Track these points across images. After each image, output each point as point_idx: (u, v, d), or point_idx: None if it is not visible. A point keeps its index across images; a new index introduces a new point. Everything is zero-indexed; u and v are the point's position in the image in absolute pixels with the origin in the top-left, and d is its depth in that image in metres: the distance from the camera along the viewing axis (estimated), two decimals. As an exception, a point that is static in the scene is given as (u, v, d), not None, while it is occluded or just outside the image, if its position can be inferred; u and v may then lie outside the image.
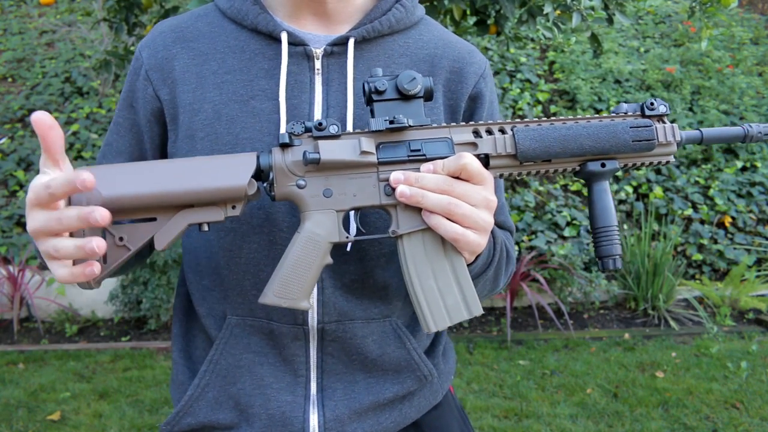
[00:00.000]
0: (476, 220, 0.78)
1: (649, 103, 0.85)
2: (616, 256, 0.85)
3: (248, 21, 0.92)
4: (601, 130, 0.83)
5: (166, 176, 0.77)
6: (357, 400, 0.94)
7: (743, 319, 4.43)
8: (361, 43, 0.93)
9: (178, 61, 0.92)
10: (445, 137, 0.82)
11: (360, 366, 0.95)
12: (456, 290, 0.82)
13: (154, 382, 3.53)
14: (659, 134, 0.85)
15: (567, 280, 4.37)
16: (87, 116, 5.44)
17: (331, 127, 0.79)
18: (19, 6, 7.08)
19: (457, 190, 0.78)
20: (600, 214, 0.85)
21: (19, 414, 3.16)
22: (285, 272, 0.79)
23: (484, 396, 3.34)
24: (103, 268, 0.76)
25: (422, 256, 0.82)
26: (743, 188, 5.12)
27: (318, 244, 0.80)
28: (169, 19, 0.98)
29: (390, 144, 0.81)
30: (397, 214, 0.81)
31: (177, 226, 0.78)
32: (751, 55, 6.51)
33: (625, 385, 3.44)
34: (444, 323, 0.81)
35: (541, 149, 0.82)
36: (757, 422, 3.02)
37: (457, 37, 1.02)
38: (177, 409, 0.96)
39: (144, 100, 0.94)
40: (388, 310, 0.95)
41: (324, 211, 0.80)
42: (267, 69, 0.91)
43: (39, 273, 4.33)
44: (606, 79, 5.93)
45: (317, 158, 0.78)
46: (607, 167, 0.84)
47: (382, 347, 0.95)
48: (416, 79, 0.80)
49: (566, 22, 2.74)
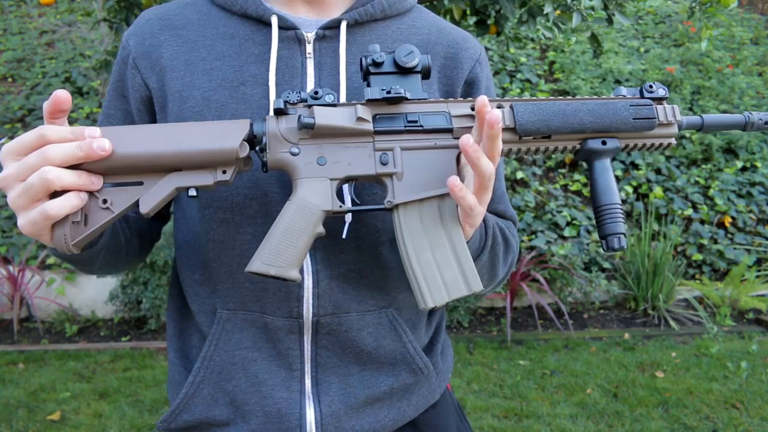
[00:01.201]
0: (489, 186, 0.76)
1: (648, 86, 0.85)
2: (620, 234, 0.81)
3: (237, 6, 0.91)
4: (601, 107, 0.82)
5: (156, 138, 0.75)
6: (352, 395, 0.93)
7: (743, 319, 4.43)
8: (354, 27, 0.92)
9: (166, 49, 0.92)
10: (443, 111, 0.81)
11: (354, 359, 0.94)
12: (455, 264, 0.79)
13: (154, 382, 3.53)
14: (659, 114, 0.84)
15: (567, 280, 4.37)
16: (87, 116, 5.44)
17: (326, 96, 0.78)
18: (19, 6, 7.08)
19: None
20: (602, 192, 0.83)
21: (19, 414, 3.16)
22: (275, 239, 0.77)
23: (484, 396, 3.34)
24: (83, 230, 0.74)
25: (419, 228, 0.79)
26: (743, 188, 5.12)
27: (310, 211, 0.77)
28: (155, 7, 0.97)
29: (386, 115, 0.80)
30: (393, 185, 0.79)
31: (164, 190, 0.76)
32: (751, 55, 6.51)
33: (625, 385, 3.44)
34: (442, 299, 0.78)
35: (540, 122, 0.80)
36: (757, 422, 3.02)
37: (451, 24, 1.01)
38: (173, 406, 0.95)
39: (133, 88, 0.93)
40: (385, 300, 0.94)
41: (317, 179, 0.78)
42: (257, 54, 0.90)
43: (39, 273, 4.33)
44: (606, 79, 5.93)
45: (312, 122, 0.76)
46: (608, 145, 0.83)
47: (377, 340, 0.94)
48: (413, 53, 0.79)
49: (566, 22, 2.74)
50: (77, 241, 0.74)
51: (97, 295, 4.40)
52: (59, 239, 0.73)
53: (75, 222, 0.73)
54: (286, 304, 0.90)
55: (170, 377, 1.02)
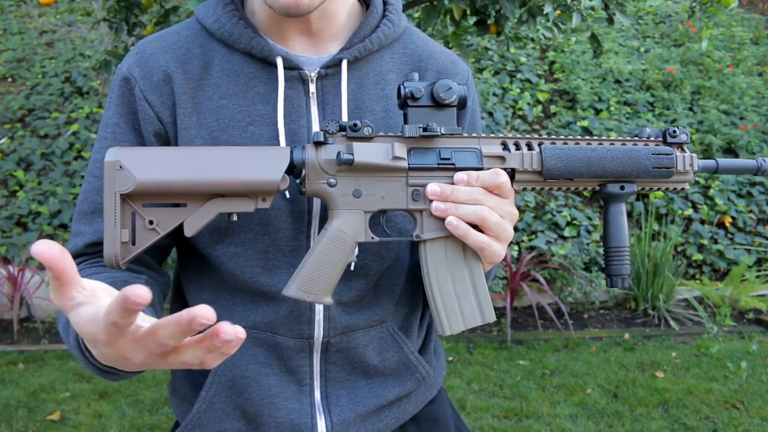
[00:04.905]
0: (503, 231, 0.82)
1: (672, 130, 0.88)
2: (624, 276, 0.88)
3: (241, 45, 0.89)
4: (624, 155, 0.86)
5: (200, 164, 0.78)
6: (361, 404, 0.96)
7: (743, 319, 4.43)
8: (352, 63, 0.92)
9: (175, 84, 0.90)
10: (474, 148, 0.84)
11: (362, 373, 0.97)
12: (472, 297, 0.85)
13: (154, 382, 3.52)
14: (678, 163, 0.88)
15: (567, 280, 4.37)
16: (87, 116, 5.44)
17: (365, 129, 0.81)
18: (19, 6, 7.08)
19: (489, 202, 0.81)
20: (614, 234, 0.89)
21: (19, 414, 3.16)
22: (310, 267, 0.81)
23: (484, 396, 3.34)
24: (132, 249, 0.78)
25: (443, 262, 0.84)
26: (743, 188, 5.12)
27: (344, 242, 0.81)
28: (154, 36, 0.94)
29: (420, 150, 0.83)
30: (422, 219, 0.83)
31: (207, 214, 0.79)
32: (752, 55, 6.51)
33: (625, 385, 3.44)
34: (458, 327, 0.84)
35: (566, 168, 0.84)
36: (757, 422, 3.02)
37: (439, 46, 1.03)
38: (185, 422, 0.96)
39: (145, 121, 0.90)
40: (382, 315, 0.97)
41: (352, 211, 0.82)
42: (263, 93, 0.90)
43: (39, 273, 4.33)
44: (606, 79, 5.93)
45: (351, 159, 0.80)
46: (625, 190, 0.88)
47: (381, 353, 0.97)
48: (452, 89, 0.82)
49: (566, 22, 2.74)
50: (126, 260, 0.77)
51: (97, 295, 4.39)
52: (110, 258, 0.77)
53: (124, 242, 0.77)
54: (298, 326, 0.92)
55: (174, 387, 1.03)
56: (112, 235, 0.76)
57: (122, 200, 0.77)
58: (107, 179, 0.76)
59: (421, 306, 1.03)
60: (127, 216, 0.78)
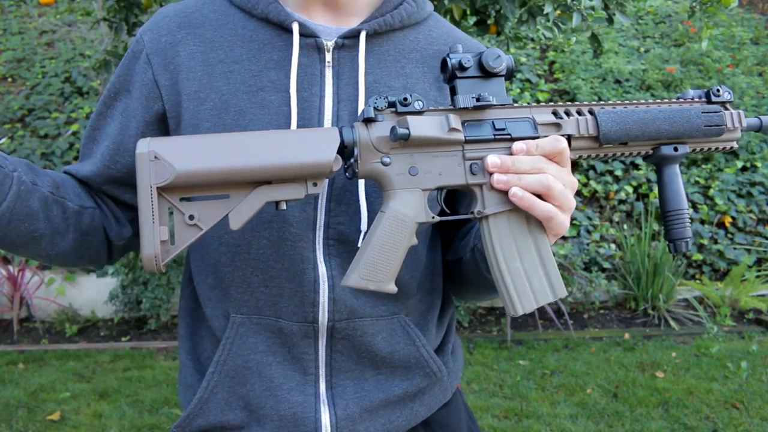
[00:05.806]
0: (566, 200, 0.79)
1: (716, 89, 0.87)
2: (687, 239, 0.84)
3: (258, 10, 0.90)
4: (676, 114, 0.84)
5: (245, 149, 0.72)
6: (367, 398, 0.93)
7: (743, 319, 4.43)
8: (372, 37, 0.91)
9: (183, 48, 0.90)
10: (527, 117, 0.82)
11: (369, 363, 0.94)
12: (541, 272, 0.81)
13: (154, 382, 3.52)
14: (727, 120, 0.87)
15: (567, 280, 4.37)
16: (87, 116, 5.44)
17: (416, 103, 0.78)
18: (19, 6, 7.08)
19: (551, 170, 0.78)
20: (672, 197, 0.86)
21: (19, 414, 3.16)
22: (371, 254, 0.76)
23: (484, 396, 3.34)
24: (171, 249, 0.72)
25: (508, 237, 0.80)
26: (743, 188, 5.11)
27: (405, 224, 0.77)
28: (173, 4, 0.95)
29: (474, 122, 0.80)
30: (483, 194, 0.80)
31: (254, 204, 0.73)
32: (752, 55, 6.51)
33: (625, 385, 3.44)
34: (530, 306, 0.80)
35: (622, 131, 0.82)
36: (757, 422, 3.02)
37: (466, 35, 1.01)
38: (187, 411, 0.95)
39: (141, 83, 0.91)
40: (396, 307, 0.94)
41: (410, 190, 0.78)
42: (276, 60, 0.89)
43: (39, 273, 4.33)
44: (606, 79, 5.93)
45: (407, 134, 0.75)
46: (679, 151, 0.86)
47: (391, 345, 0.94)
48: (501, 57, 0.79)
49: (566, 22, 2.74)
50: (166, 262, 0.72)
51: (97, 295, 4.39)
52: (149, 260, 0.71)
53: (163, 241, 0.71)
54: (302, 309, 0.89)
55: (182, 379, 1.01)
56: (150, 235, 0.70)
57: (159, 194, 0.71)
58: (140, 172, 0.70)
59: (440, 303, 1.01)
60: (165, 212, 0.72)
